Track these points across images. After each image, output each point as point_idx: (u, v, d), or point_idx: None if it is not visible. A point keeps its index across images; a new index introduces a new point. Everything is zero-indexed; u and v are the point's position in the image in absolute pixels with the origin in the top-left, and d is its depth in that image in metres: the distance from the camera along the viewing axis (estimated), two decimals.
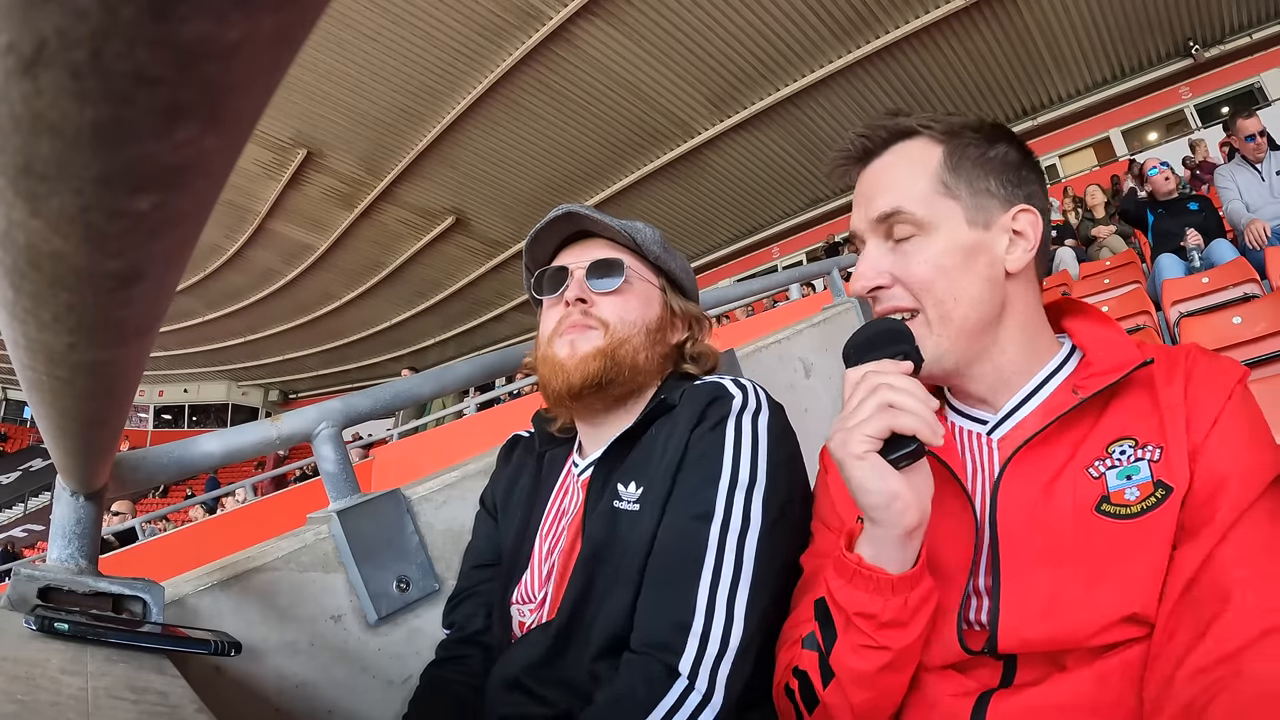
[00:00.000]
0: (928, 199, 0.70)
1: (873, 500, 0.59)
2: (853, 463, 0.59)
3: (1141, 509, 0.59)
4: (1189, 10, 9.45)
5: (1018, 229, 0.70)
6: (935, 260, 0.69)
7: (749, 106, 10.32)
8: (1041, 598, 0.60)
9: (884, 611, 0.61)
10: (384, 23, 8.49)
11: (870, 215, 0.72)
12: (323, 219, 13.17)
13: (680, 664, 0.69)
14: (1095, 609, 0.58)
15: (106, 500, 0.81)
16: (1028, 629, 0.60)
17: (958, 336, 0.69)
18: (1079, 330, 0.73)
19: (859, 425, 0.59)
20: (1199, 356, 0.65)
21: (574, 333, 0.88)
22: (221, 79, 0.15)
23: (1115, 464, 0.62)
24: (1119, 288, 3.90)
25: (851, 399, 0.62)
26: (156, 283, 0.25)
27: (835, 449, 0.61)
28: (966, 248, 0.69)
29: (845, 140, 0.76)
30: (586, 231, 0.95)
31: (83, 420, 0.43)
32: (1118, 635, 0.58)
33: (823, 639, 0.65)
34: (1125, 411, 0.64)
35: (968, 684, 0.64)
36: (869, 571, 0.61)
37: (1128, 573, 0.58)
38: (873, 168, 0.74)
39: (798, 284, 3.12)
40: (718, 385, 0.84)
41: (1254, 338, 2.59)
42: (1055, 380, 0.70)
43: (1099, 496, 0.61)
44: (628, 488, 0.82)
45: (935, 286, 0.69)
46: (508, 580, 0.92)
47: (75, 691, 0.46)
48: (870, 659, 0.62)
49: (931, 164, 0.71)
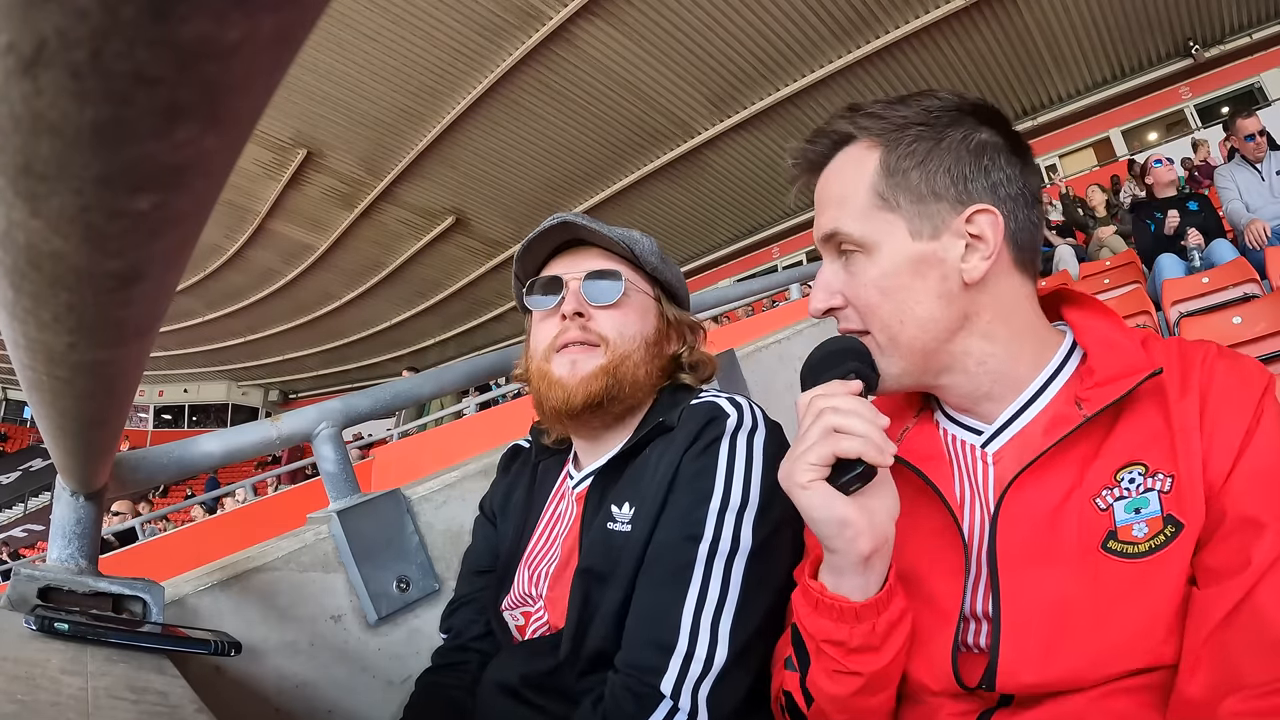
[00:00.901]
0: (865, 214, 0.64)
1: (823, 530, 0.57)
2: (798, 492, 0.58)
3: (1150, 548, 0.55)
4: (1189, 10, 9.45)
5: (974, 232, 0.63)
6: (877, 283, 0.64)
7: (749, 106, 10.31)
8: (1043, 640, 0.57)
9: (851, 638, 0.59)
10: (384, 23, 8.48)
11: (817, 235, 0.69)
12: (323, 219, 13.16)
13: (662, 685, 0.69)
14: (1100, 654, 0.55)
15: (106, 500, 0.81)
16: (1027, 674, 0.57)
17: (910, 356, 0.65)
18: (1080, 324, 0.67)
19: (804, 453, 0.57)
20: (1216, 363, 0.59)
21: (575, 352, 0.85)
22: (221, 79, 0.15)
23: (1124, 494, 0.57)
24: (1119, 288, 3.90)
25: (800, 425, 0.60)
26: (156, 283, 0.25)
27: (782, 479, 0.60)
28: (912, 263, 0.63)
29: (792, 151, 0.72)
30: (580, 239, 0.92)
31: (83, 420, 0.43)
32: (1124, 684, 0.55)
33: (799, 664, 0.64)
34: (1135, 428, 0.59)
35: (967, 704, 0.62)
36: (831, 600, 0.59)
37: (1134, 616, 0.55)
38: (822, 178, 0.70)
39: (798, 284, 3.12)
40: (714, 405, 0.82)
41: (1254, 338, 2.60)
42: (1054, 386, 0.65)
43: (1106, 532, 0.57)
44: (621, 508, 0.81)
45: (880, 310, 0.65)
46: (500, 587, 0.92)
47: (75, 691, 0.46)
48: (843, 684, 0.60)
49: (867, 174, 0.65)
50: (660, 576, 0.74)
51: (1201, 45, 9.90)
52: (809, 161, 0.71)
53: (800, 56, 9.47)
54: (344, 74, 9.31)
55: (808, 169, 0.71)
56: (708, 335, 1.00)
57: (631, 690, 0.69)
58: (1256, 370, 0.59)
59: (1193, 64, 10.09)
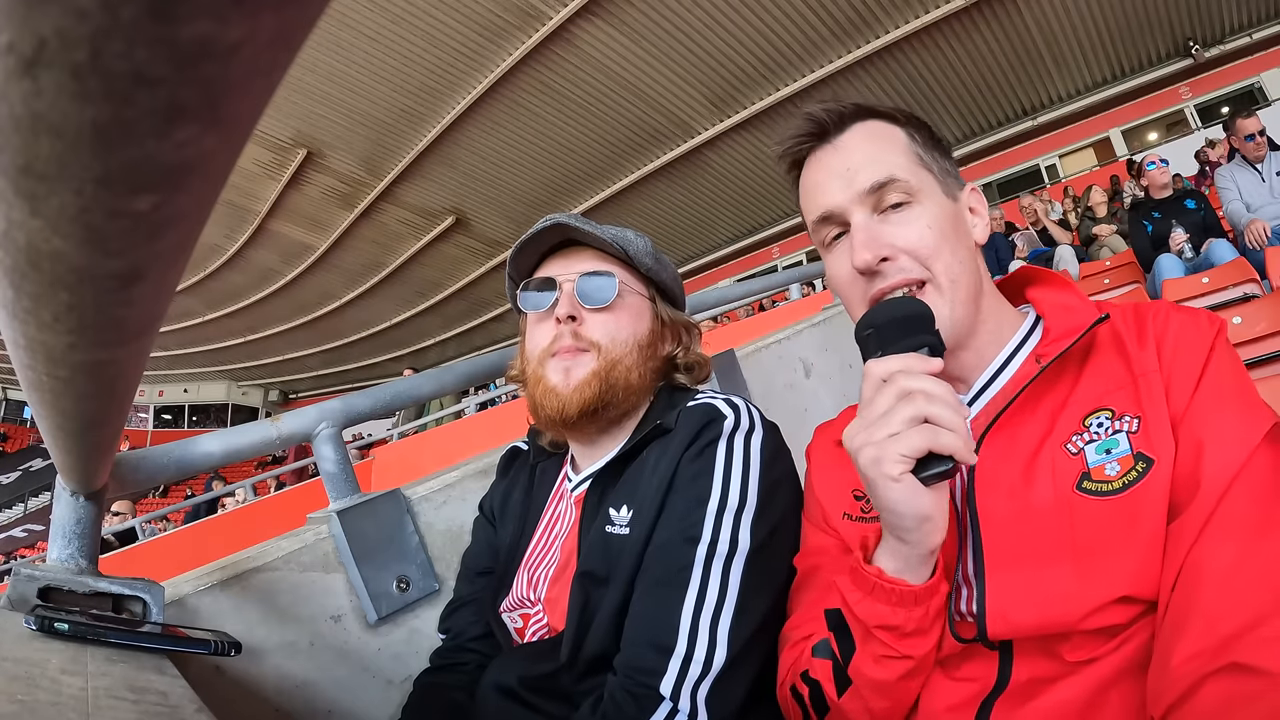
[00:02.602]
0: (911, 168, 0.69)
1: (902, 522, 0.56)
2: (886, 484, 0.55)
3: (1123, 484, 0.57)
4: (1189, 10, 9.45)
5: (972, 205, 0.73)
6: (936, 225, 0.67)
7: (749, 106, 10.31)
8: (1028, 583, 0.58)
9: (907, 623, 0.59)
10: (384, 23, 8.48)
11: (858, 187, 0.69)
12: (323, 219, 13.16)
13: (661, 686, 0.69)
14: (1085, 591, 0.56)
15: (106, 500, 0.81)
16: (1016, 615, 0.58)
17: (966, 302, 0.67)
18: (1040, 299, 0.73)
19: (893, 442, 0.54)
20: (1171, 314, 0.63)
21: (568, 358, 0.85)
22: (221, 79, 0.15)
23: (1094, 438, 0.59)
24: (1119, 288, 3.90)
25: (876, 400, 0.56)
26: (156, 283, 0.25)
27: (865, 465, 0.56)
28: (950, 217, 0.69)
29: (799, 118, 0.74)
30: (574, 240, 0.91)
31: (83, 420, 0.43)
32: (1112, 618, 0.55)
33: (839, 649, 0.63)
34: (1100, 379, 0.62)
35: (968, 688, 0.62)
36: (891, 584, 0.58)
37: (1116, 552, 0.56)
38: (839, 145, 0.72)
39: (798, 284, 3.12)
40: (711, 407, 0.82)
41: (1254, 338, 2.59)
42: (1022, 353, 0.70)
43: (1079, 473, 0.59)
44: (619, 511, 0.81)
45: (943, 251, 0.67)
46: (498, 589, 0.92)
47: (75, 691, 0.46)
48: (892, 668, 0.60)
49: (899, 138, 0.71)
50: (659, 578, 0.74)
51: (1201, 45, 9.90)
52: (821, 127, 0.73)
53: (800, 56, 9.47)
54: (344, 74, 9.31)
55: (816, 135, 0.74)
56: (707, 335, 1.00)
57: (631, 692, 0.69)
58: (1207, 317, 0.63)
59: (1193, 64, 10.09)
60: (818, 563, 0.75)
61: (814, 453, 0.85)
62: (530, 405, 0.90)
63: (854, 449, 0.57)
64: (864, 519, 0.74)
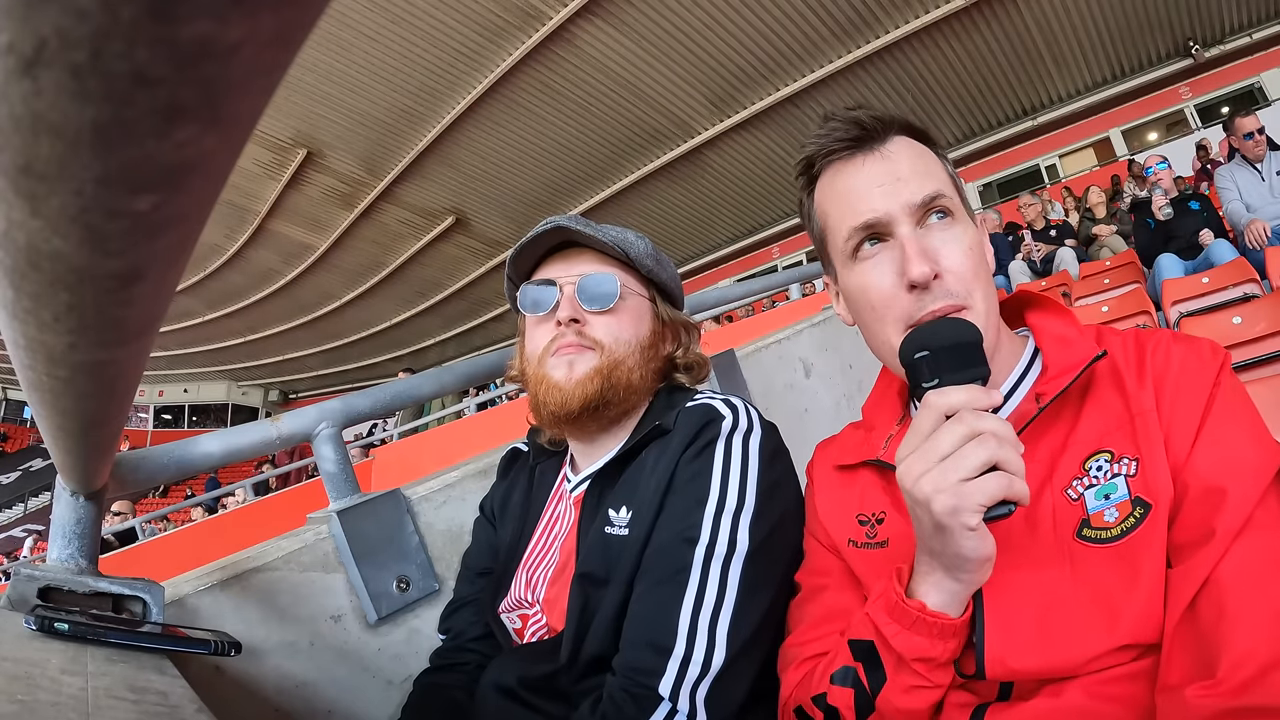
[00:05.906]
0: (950, 189, 0.68)
1: (966, 565, 0.55)
2: (963, 534, 0.52)
3: (1121, 530, 0.56)
4: (1189, 10, 9.44)
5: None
6: (975, 248, 0.66)
7: (749, 106, 10.31)
8: (1028, 629, 0.57)
9: (943, 654, 0.58)
10: (384, 23, 8.48)
11: (908, 199, 0.65)
12: (323, 219, 13.16)
13: (660, 686, 0.69)
14: (1085, 640, 0.55)
15: (106, 500, 0.81)
16: (1015, 660, 0.57)
17: (994, 332, 0.65)
18: (1039, 327, 0.71)
19: (968, 490, 0.51)
20: (1172, 347, 0.61)
21: (570, 352, 0.85)
22: (221, 79, 0.15)
23: (1093, 482, 0.58)
24: (1119, 288, 3.90)
25: (941, 438, 0.53)
26: (156, 283, 0.25)
27: (941, 514, 0.52)
28: (978, 242, 0.68)
29: (836, 120, 0.70)
30: (574, 241, 0.91)
31: (83, 420, 0.43)
32: (1112, 662, 0.55)
33: (868, 680, 0.62)
34: (1098, 418, 0.61)
35: (964, 697, 0.62)
36: (934, 619, 0.57)
37: (1117, 601, 0.55)
38: (885, 153, 0.68)
39: (798, 284, 3.12)
40: (710, 408, 0.82)
41: (1254, 338, 2.59)
42: (1022, 388, 0.68)
43: (1079, 520, 0.58)
44: (618, 512, 0.81)
45: (981, 275, 0.65)
46: (497, 589, 0.92)
47: (75, 691, 0.46)
48: (922, 698, 0.59)
49: (936, 160, 0.70)
50: (658, 579, 0.74)
51: (1201, 45, 9.90)
52: (867, 130, 0.69)
53: (800, 56, 9.47)
54: (344, 74, 9.31)
55: (864, 140, 0.69)
56: (707, 335, 1.00)
57: (630, 692, 0.69)
58: (1210, 348, 0.61)
59: (1193, 64, 10.09)
60: (823, 583, 0.74)
61: (815, 472, 0.84)
62: (531, 404, 0.90)
63: (923, 495, 0.53)
64: (869, 545, 0.72)
